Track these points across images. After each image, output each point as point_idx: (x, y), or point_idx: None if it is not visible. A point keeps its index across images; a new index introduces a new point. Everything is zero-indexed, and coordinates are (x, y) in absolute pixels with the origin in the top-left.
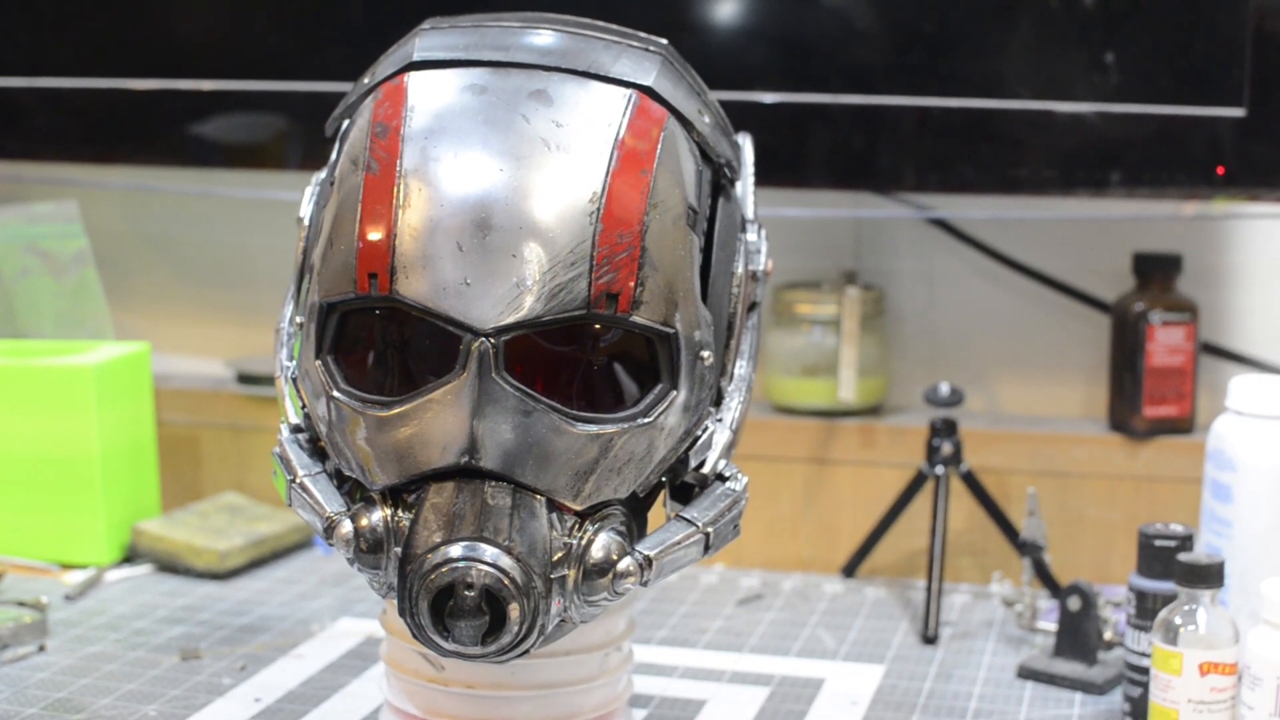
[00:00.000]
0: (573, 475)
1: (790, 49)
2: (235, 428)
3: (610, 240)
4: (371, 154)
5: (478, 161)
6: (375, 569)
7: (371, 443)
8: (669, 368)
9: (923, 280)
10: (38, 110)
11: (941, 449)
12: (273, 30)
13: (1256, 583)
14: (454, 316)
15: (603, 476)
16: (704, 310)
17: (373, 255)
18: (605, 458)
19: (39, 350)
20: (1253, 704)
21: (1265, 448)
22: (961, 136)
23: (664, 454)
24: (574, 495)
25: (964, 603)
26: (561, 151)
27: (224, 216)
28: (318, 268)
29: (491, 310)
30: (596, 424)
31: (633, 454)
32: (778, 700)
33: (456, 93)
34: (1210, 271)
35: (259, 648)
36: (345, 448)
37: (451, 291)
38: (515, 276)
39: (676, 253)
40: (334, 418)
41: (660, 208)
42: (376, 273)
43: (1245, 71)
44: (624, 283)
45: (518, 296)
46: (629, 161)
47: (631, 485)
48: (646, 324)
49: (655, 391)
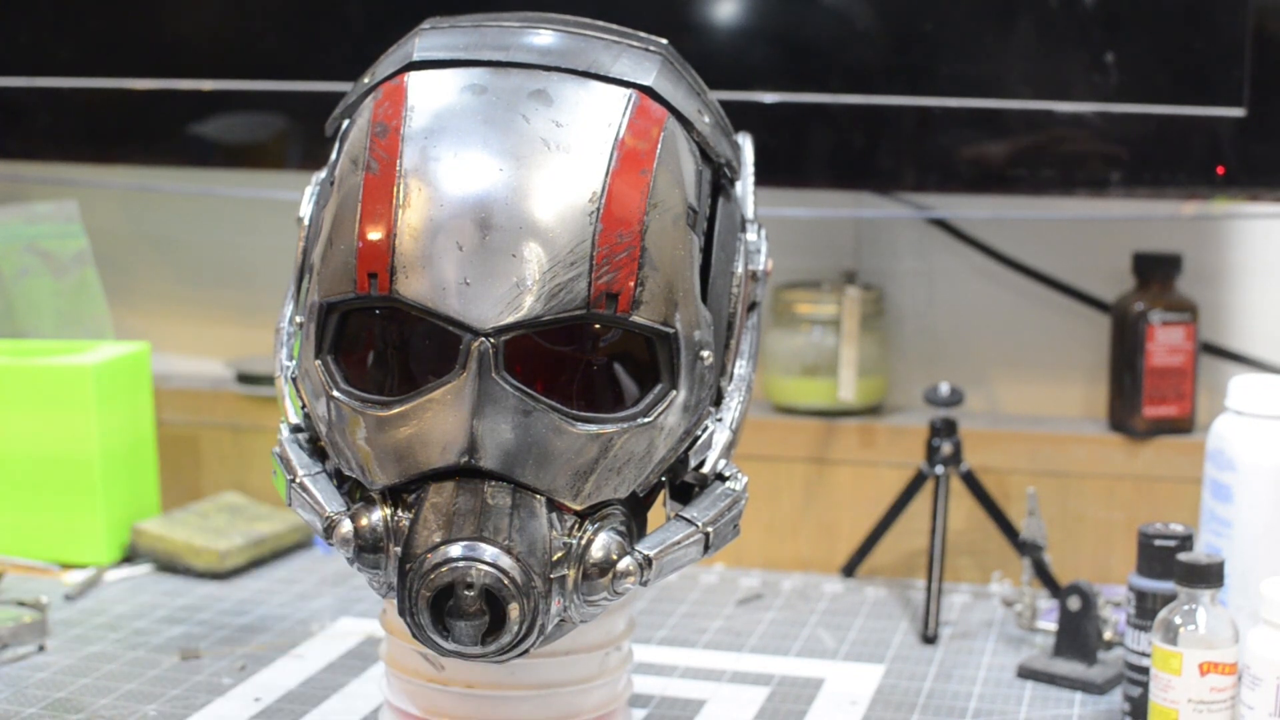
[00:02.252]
0: (572, 475)
1: (790, 49)
2: (235, 428)
3: (610, 240)
4: (371, 154)
5: (477, 161)
6: (375, 569)
7: (371, 442)
8: (669, 367)
9: (923, 280)
10: (38, 110)
11: (941, 449)
12: (273, 30)
13: (1256, 583)
14: (454, 316)
15: (603, 476)
16: (704, 310)
17: (372, 255)
18: (605, 457)
19: (39, 350)
20: (1253, 704)
21: (1265, 448)
22: (961, 136)
23: (664, 454)
24: (574, 495)
25: (964, 603)
26: (561, 151)
27: (224, 216)
28: (317, 267)
29: (491, 310)
30: (596, 424)
31: (632, 454)
32: (777, 700)
33: (456, 92)
34: (1210, 271)
35: (259, 648)
36: (345, 447)
37: (451, 291)
38: (515, 276)
39: (676, 252)
40: (333, 417)
41: (660, 208)
42: (376, 272)
43: (1245, 71)
44: (624, 283)
45: (517, 296)
46: (629, 161)
47: (631, 485)
48: (646, 324)
49: (655, 391)
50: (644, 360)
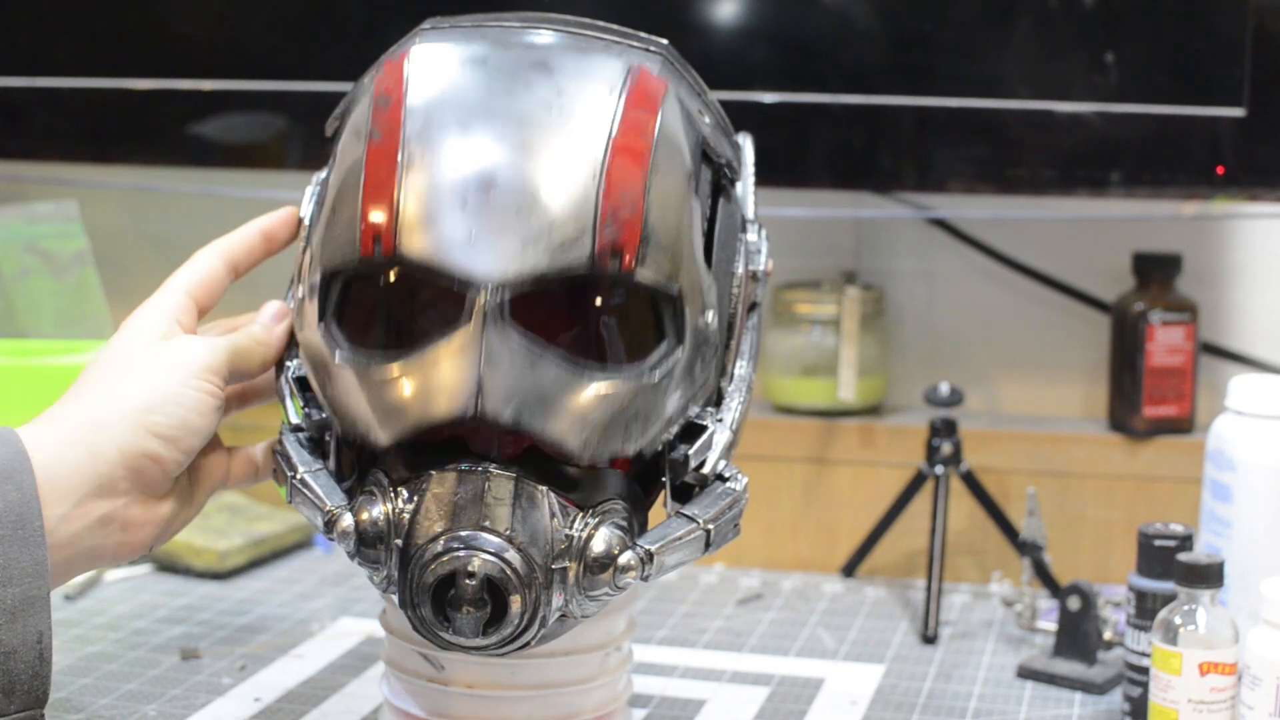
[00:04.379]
0: (580, 425)
1: (790, 49)
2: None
3: (613, 199)
4: (374, 124)
5: (481, 127)
6: (375, 564)
7: (377, 399)
8: (674, 328)
9: (923, 280)
10: (38, 110)
11: (941, 449)
12: (273, 30)
13: (1256, 583)
14: (459, 271)
15: (610, 429)
16: (706, 274)
17: (377, 218)
18: (612, 410)
19: (39, 350)
20: (1253, 704)
21: (1265, 448)
22: (961, 136)
23: (670, 413)
24: (581, 446)
25: (964, 603)
26: (564, 117)
27: (224, 216)
28: (317, 243)
29: (496, 264)
30: (604, 377)
31: (639, 410)
32: (777, 700)
33: (458, 64)
34: (1210, 271)
35: (259, 648)
36: (349, 408)
37: (457, 247)
38: (520, 232)
39: (679, 216)
40: (337, 380)
41: (662, 172)
42: (381, 235)
43: (1245, 71)
44: (628, 240)
45: (522, 250)
46: (631, 127)
47: (638, 443)
48: (650, 283)
49: (660, 351)
50: (648, 321)
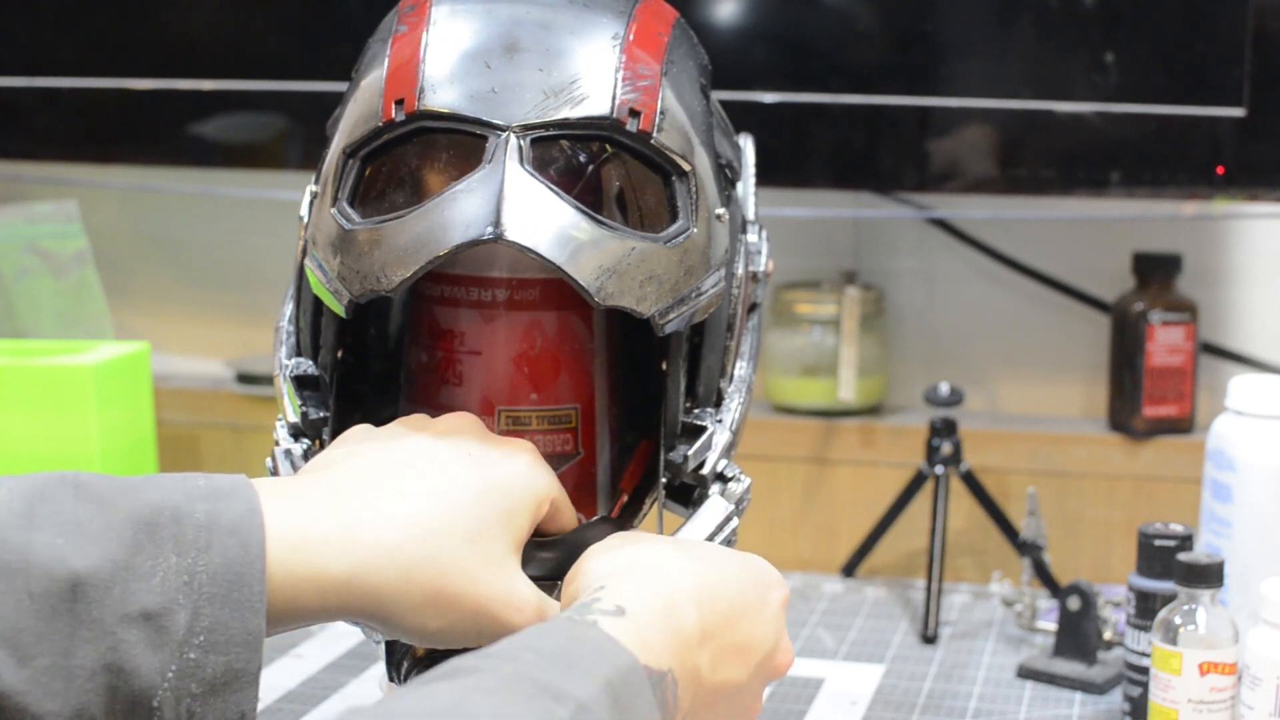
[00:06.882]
0: (597, 268)
1: (790, 49)
2: (235, 428)
3: (633, 68)
4: (399, 22)
5: (505, 10)
6: None
7: (391, 244)
8: (686, 208)
9: (923, 280)
10: (38, 110)
11: (941, 449)
12: (273, 30)
13: (1256, 583)
14: (482, 118)
15: (625, 279)
16: (716, 182)
17: (399, 81)
18: (628, 260)
19: (39, 350)
20: (1253, 704)
21: (1265, 448)
22: (961, 136)
23: (683, 288)
24: (596, 290)
25: (964, 602)
26: (585, 6)
27: (224, 216)
28: (334, 137)
29: (519, 111)
30: (622, 232)
31: (653, 271)
32: (778, 700)
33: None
34: (1210, 271)
35: None
36: (361, 265)
37: (480, 99)
38: (542, 86)
39: (694, 106)
40: (351, 245)
41: (678, 65)
42: (404, 97)
43: (1245, 71)
44: (647, 103)
45: (544, 102)
46: (648, 18)
47: (651, 304)
48: (667, 149)
49: (674, 226)
50: (662, 198)
